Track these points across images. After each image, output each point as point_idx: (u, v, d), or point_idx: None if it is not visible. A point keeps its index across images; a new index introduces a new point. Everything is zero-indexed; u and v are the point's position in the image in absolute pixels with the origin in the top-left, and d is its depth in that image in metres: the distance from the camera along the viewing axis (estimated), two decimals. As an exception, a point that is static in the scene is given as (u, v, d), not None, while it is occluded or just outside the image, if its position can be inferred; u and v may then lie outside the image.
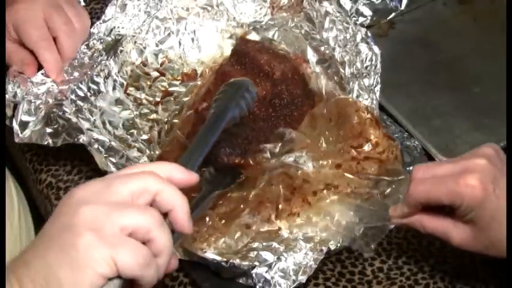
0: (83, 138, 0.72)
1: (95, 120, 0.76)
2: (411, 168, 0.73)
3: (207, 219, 0.68)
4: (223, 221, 0.68)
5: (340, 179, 0.70)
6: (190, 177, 0.55)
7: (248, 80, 0.73)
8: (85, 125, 0.74)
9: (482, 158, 0.59)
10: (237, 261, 0.65)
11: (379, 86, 0.75)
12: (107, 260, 0.47)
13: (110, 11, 0.83)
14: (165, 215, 0.52)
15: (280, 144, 0.71)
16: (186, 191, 0.54)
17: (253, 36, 0.87)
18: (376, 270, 0.71)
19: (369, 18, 0.92)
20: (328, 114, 0.74)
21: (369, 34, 0.77)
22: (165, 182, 0.52)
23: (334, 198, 0.69)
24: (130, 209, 0.49)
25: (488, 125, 0.79)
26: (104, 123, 0.77)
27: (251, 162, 0.71)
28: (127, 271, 0.47)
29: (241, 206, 0.69)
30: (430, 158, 0.75)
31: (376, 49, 0.76)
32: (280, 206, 0.69)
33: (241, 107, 0.69)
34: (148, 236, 0.49)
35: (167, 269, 0.52)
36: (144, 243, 0.49)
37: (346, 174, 0.70)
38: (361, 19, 0.91)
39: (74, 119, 0.74)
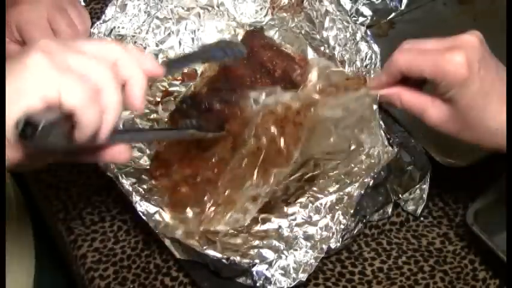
0: None
1: (95, 120, 0.76)
2: (411, 167, 0.73)
3: (205, 198, 0.68)
4: (228, 192, 0.68)
5: (320, 93, 0.68)
6: (157, 68, 0.54)
7: (240, 43, 0.73)
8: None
9: (473, 35, 0.57)
10: (238, 258, 0.65)
11: None
12: (51, 83, 0.46)
13: (110, 11, 0.83)
14: None
15: (264, 92, 0.70)
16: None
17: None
18: (376, 270, 0.71)
19: (369, 18, 0.92)
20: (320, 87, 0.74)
21: (368, 33, 0.77)
22: (130, 53, 0.51)
23: (318, 107, 0.68)
24: (86, 54, 0.49)
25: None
26: (104, 123, 0.77)
27: (238, 113, 0.70)
28: (69, 100, 0.46)
29: (242, 163, 0.68)
30: (430, 158, 0.75)
31: (375, 47, 0.76)
32: (281, 145, 0.67)
33: (226, 53, 0.69)
34: (98, 86, 0.48)
35: (116, 155, 0.52)
36: None
37: (323, 87, 0.68)
38: (361, 19, 0.91)
39: None
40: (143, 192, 0.70)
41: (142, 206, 0.68)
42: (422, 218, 0.75)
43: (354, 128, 0.68)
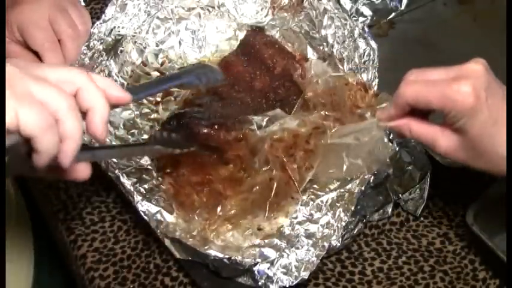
0: (84, 138, 0.72)
1: (95, 120, 0.76)
2: (410, 167, 0.73)
3: (219, 209, 0.69)
4: (235, 211, 0.69)
5: (326, 119, 0.69)
6: (124, 95, 0.55)
7: (217, 69, 0.73)
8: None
9: (478, 64, 0.58)
10: (239, 258, 0.65)
11: (376, 80, 0.75)
12: (9, 110, 0.47)
13: (110, 10, 0.83)
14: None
15: (267, 118, 0.70)
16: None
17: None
18: (376, 270, 0.71)
19: (369, 18, 0.92)
20: (321, 94, 0.74)
21: (366, 29, 0.78)
22: (94, 83, 0.53)
23: (327, 138, 0.68)
24: (47, 84, 0.50)
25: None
26: (104, 123, 0.77)
27: (222, 137, 0.70)
28: (26, 128, 0.48)
29: (253, 190, 0.69)
30: (430, 158, 0.75)
31: (373, 43, 0.76)
32: (297, 177, 0.68)
33: (200, 80, 0.70)
34: (57, 115, 0.49)
35: (77, 174, 0.54)
36: None
37: (329, 113, 0.69)
38: (361, 19, 0.91)
39: None
40: (144, 192, 0.70)
41: (144, 206, 0.68)
42: (422, 218, 0.75)
43: (366, 158, 0.68)
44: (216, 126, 0.70)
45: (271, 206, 0.69)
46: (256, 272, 0.65)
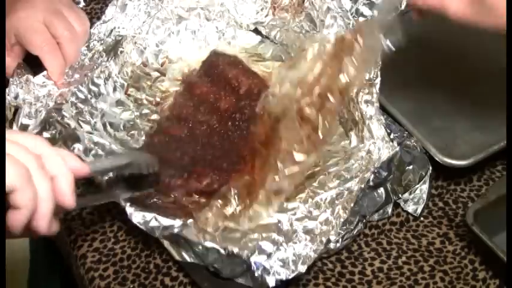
0: (78, 148, 0.71)
1: (95, 122, 0.76)
2: (410, 167, 0.74)
3: (233, 193, 0.70)
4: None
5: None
6: (83, 166, 0.57)
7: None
8: (85, 127, 0.74)
9: None
10: (236, 249, 0.65)
11: (379, 79, 0.75)
12: None
13: (110, 11, 0.83)
14: None
15: None
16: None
17: (254, 37, 0.87)
18: (376, 270, 0.71)
19: (369, 18, 0.92)
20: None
21: None
22: (54, 150, 0.53)
23: None
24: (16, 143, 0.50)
25: (488, 125, 0.79)
26: (104, 125, 0.77)
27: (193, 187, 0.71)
28: (8, 179, 0.48)
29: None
30: (430, 158, 0.75)
31: None
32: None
33: (147, 164, 0.68)
34: (29, 172, 0.50)
35: (50, 229, 0.54)
36: None
37: None
38: (361, 19, 0.91)
39: (73, 124, 0.74)
40: (138, 199, 0.69)
41: (138, 216, 0.67)
42: (422, 218, 0.75)
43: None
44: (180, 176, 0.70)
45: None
46: (253, 264, 0.65)
